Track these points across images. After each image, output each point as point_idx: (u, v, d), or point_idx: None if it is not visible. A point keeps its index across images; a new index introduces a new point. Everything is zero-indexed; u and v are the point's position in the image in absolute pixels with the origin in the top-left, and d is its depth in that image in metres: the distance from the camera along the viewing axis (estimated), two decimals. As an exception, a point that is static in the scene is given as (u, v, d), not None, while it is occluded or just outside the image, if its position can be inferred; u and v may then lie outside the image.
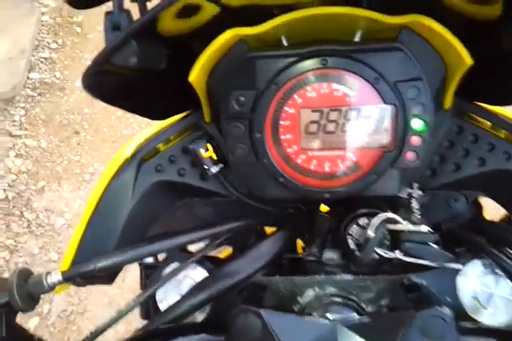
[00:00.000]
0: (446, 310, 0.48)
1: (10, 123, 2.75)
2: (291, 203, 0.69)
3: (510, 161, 0.61)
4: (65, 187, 2.57)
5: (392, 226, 0.58)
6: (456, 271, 0.57)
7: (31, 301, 0.51)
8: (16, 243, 2.37)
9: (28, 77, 2.91)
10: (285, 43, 0.58)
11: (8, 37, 2.91)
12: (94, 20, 3.22)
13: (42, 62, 3.01)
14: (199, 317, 0.63)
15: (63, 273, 0.52)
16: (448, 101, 0.60)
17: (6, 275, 2.24)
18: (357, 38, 0.56)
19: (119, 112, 2.79)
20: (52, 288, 0.51)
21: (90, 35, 3.19)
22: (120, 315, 0.56)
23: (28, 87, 2.88)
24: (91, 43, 3.15)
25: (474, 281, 0.57)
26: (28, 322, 2.09)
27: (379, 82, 0.55)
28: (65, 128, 2.79)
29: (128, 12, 0.45)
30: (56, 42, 3.12)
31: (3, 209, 2.47)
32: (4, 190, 2.51)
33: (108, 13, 0.45)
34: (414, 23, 0.53)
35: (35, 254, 2.34)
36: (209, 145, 0.64)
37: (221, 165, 0.64)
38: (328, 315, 0.57)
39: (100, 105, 2.77)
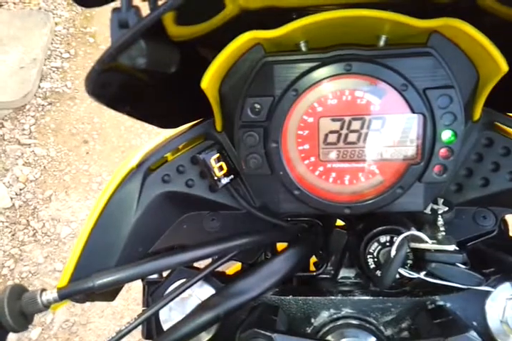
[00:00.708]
0: (475, 336, 0.46)
1: (19, 132, 2.76)
2: (307, 218, 0.66)
3: None
4: (73, 196, 2.56)
5: (415, 245, 0.54)
6: (485, 294, 0.55)
7: (24, 321, 0.47)
8: (21, 252, 2.36)
9: (39, 86, 2.93)
10: (303, 48, 0.55)
11: (21, 46, 2.94)
12: (107, 31, 3.23)
13: (53, 71, 3.03)
14: (205, 337, 0.60)
15: (59, 290, 0.49)
16: (478, 111, 0.57)
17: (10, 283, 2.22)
18: (381, 43, 0.53)
19: (129, 122, 2.79)
20: (47, 306, 0.48)
21: (103, 45, 3.22)
22: (120, 335, 0.52)
23: (39, 96, 2.91)
24: (103, 53, 3.18)
25: (504, 305, 0.54)
26: (31, 332, 2.06)
27: (407, 90, 0.51)
28: (74, 138, 2.80)
29: (137, 8, 0.42)
30: (68, 52, 3.15)
31: (9, 217, 2.46)
32: (11, 199, 2.51)
33: (115, 10, 0.41)
34: (445, 26, 0.50)
35: (40, 264, 2.33)
36: (220, 156, 0.61)
37: (232, 177, 0.61)
38: (343, 339, 0.55)
39: (110, 115, 2.79)
